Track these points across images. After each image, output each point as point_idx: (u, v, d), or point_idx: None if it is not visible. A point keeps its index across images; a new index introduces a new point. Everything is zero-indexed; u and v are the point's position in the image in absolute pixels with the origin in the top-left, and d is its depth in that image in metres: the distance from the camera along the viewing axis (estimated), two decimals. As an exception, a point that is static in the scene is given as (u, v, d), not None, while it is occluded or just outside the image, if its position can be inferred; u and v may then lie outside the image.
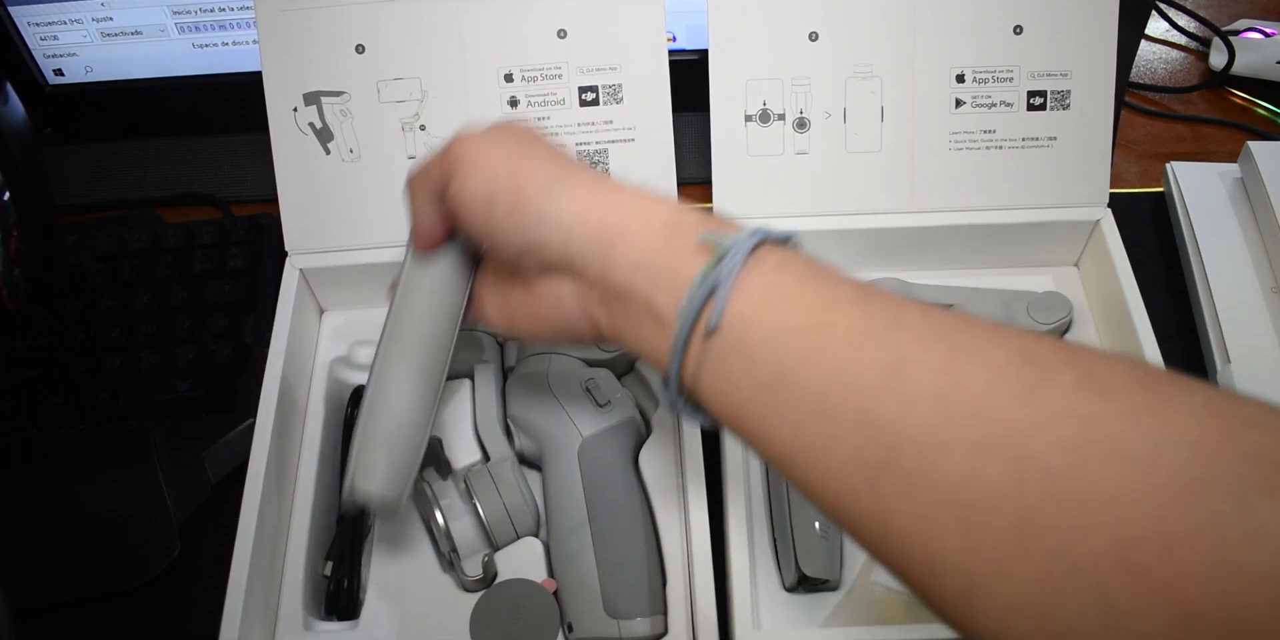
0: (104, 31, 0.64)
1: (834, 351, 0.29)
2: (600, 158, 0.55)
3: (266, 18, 0.53)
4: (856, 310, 0.30)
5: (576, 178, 0.36)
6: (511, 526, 0.47)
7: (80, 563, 0.49)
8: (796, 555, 0.44)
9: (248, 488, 0.46)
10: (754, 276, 0.31)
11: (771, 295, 0.31)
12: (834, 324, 0.30)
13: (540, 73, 0.54)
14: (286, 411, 0.50)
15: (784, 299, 0.31)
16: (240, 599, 0.43)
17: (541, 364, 0.51)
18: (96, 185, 0.68)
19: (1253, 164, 0.58)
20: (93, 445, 0.53)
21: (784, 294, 0.31)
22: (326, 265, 0.55)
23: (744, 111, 0.55)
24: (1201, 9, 0.79)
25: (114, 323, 0.57)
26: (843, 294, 0.31)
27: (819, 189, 0.55)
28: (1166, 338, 0.50)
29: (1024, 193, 0.55)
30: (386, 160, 0.54)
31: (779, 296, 0.31)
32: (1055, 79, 0.54)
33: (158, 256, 0.59)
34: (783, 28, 0.54)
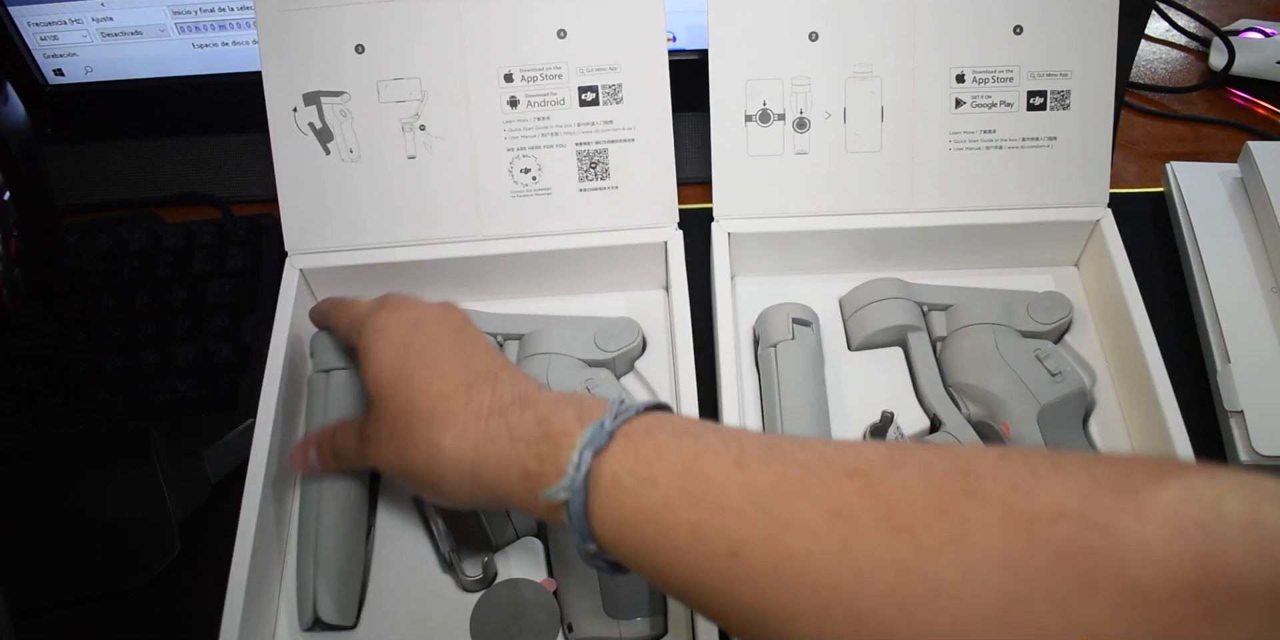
0: (104, 31, 0.64)
1: (674, 547, 0.32)
2: (600, 158, 0.55)
3: (266, 18, 0.53)
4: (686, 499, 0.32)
5: (454, 421, 0.38)
6: (511, 526, 0.47)
7: (80, 563, 0.49)
8: None
9: (248, 488, 0.46)
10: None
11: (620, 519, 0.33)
12: (670, 526, 0.32)
13: (540, 73, 0.54)
14: (286, 411, 0.50)
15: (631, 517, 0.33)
16: (240, 599, 0.43)
17: (542, 364, 0.51)
18: (96, 185, 0.68)
19: (1253, 164, 0.58)
20: (93, 445, 0.53)
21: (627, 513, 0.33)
22: (326, 265, 0.55)
23: (744, 111, 0.55)
24: (1201, 9, 0.79)
25: (114, 323, 0.57)
26: (661, 493, 0.33)
27: (819, 189, 0.55)
28: (1166, 338, 0.50)
29: (1024, 193, 0.55)
30: (386, 160, 0.54)
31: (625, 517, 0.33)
32: (1055, 79, 0.54)
33: (158, 256, 0.59)
34: (783, 28, 0.54)
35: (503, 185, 0.55)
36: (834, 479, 0.30)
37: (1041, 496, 0.27)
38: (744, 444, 0.33)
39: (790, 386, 0.50)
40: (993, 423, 0.49)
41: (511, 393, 0.38)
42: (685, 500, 0.32)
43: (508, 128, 0.54)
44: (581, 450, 0.34)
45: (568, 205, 0.55)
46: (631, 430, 0.34)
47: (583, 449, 0.34)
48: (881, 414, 0.50)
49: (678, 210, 0.56)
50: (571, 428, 0.35)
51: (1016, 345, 0.51)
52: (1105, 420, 0.51)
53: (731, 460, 0.32)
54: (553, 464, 0.35)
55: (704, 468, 0.32)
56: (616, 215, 0.55)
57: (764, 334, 0.53)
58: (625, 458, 0.33)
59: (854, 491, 0.29)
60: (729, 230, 0.55)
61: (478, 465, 0.37)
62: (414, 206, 0.55)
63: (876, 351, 0.54)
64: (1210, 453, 0.51)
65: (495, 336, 0.54)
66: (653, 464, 0.33)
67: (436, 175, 0.55)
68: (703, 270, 0.57)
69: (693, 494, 0.32)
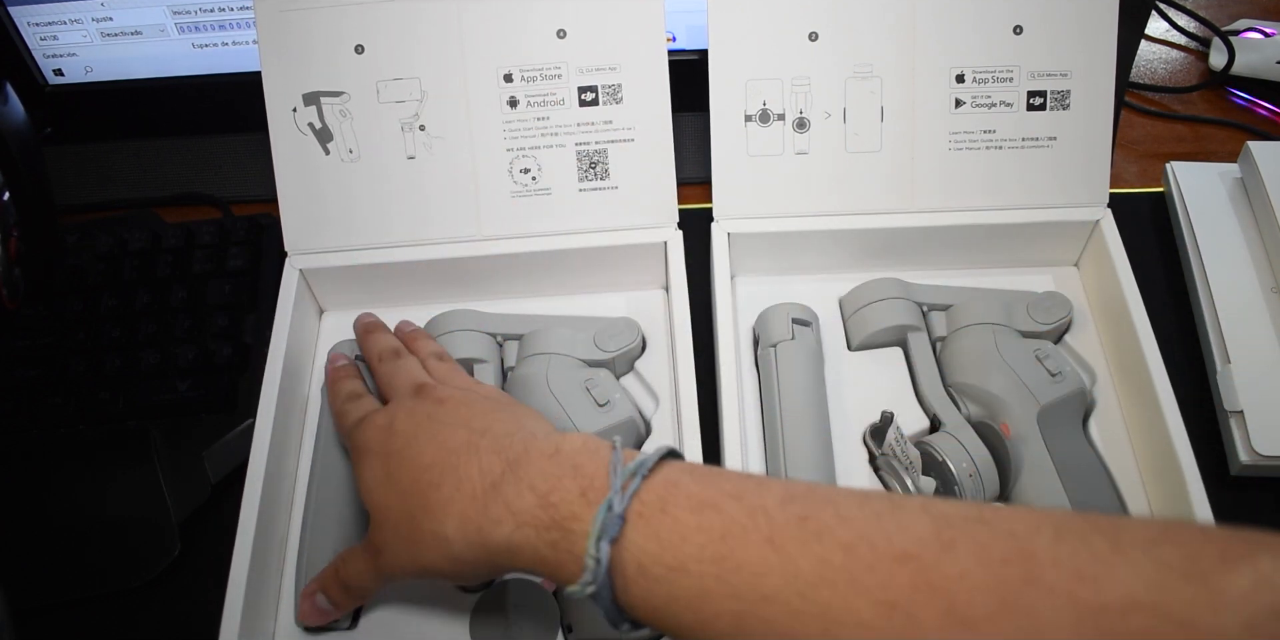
0: (104, 31, 0.64)
1: (718, 635, 0.30)
2: (600, 158, 0.55)
3: (266, 18, 0.53)
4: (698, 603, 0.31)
5: (451, 507, 0.37)
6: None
7: (80, 563, 0.49)
8: None
9: (248, 488, 0.46)
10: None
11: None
12: (710, 616, 0.30)
13: (540, 73, 0.54)
14: (286, 411, 0.50)
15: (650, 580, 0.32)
16: (240, 599, 0.43)
17: (541, 364, 0.51)
18: (96, 185, 0.68)
19: (1253, 164, 0.58)
20: (93, 445, 0.53)
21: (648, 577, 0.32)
22: (326, 265, 0.55)
23: (744, 111, 0.55)
24: (1201, 9, 0.79)
25: (114, 323, 0.57)
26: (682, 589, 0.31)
27: (819, 189, 0.55)
28: (1166, 338, 0.50)
29: (1024, 193, 0.55)
30: (386, 161, 0.54)
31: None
32: (1055, 79, 0.54)
33: (158, 256, 0.59)
34: (783, 28, 0.54)
35: (502, 185, 0.55)
36: (882, 565, 0.28)
37: (1108, 586, 0.25)
38: (771, 516, 0.31)
39: (790, 387, 0.50)
40: (992, 423, 0.49)
41: (498, 462, 0.37)
42: (722, 589, 0.30)
43: (507, 128, 0.54)
44: (597, 540, 0.32)
45: (567, 205, 0.55)
46: (645, 509, 0.32)
47: (598, 539, 0.32)
48: (881, 414, 0.50)
49: (678, 210, 0.56)
50: (579, 511, 0.33)
51: (1016, 345, 0.51)
52: (1105, 420, 0.51)
53: (763, 539, 0.30)
54: (569, 553, 0.33)
55: (736, 551, 0.30)
56: (616, 215, 0.55)
57: (764, 334, 0.53)
58: (647, 544, 0.31)
59: (906, 580, 0.27)
60: (729, 230, 0.55)
61: (489, 550, 0.35)
62: (414, 207, 0.55)
63: (876, 351, 0.54)
64: (1210, 453, 0.51)
65: (495, 336, 0.54)
66: (678, 548, 0.31)
67: (436, 175, 0.55)
68: (703, 270, 0.57)
69: (729, 582, 0.30)
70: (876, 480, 0.49)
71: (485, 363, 0.53)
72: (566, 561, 0.33)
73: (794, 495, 0.32)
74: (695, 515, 0.31)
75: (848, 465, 0.50)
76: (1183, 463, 0.45)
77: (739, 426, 0.48)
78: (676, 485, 0.33)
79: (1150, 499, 0.48)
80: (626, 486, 0.33)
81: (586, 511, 0.33)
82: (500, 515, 0.35)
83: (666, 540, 0.31)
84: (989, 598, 0.26)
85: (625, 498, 0.32)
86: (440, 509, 0.37)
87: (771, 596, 0.29)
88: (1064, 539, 0.27)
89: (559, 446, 0.36)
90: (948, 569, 0.27)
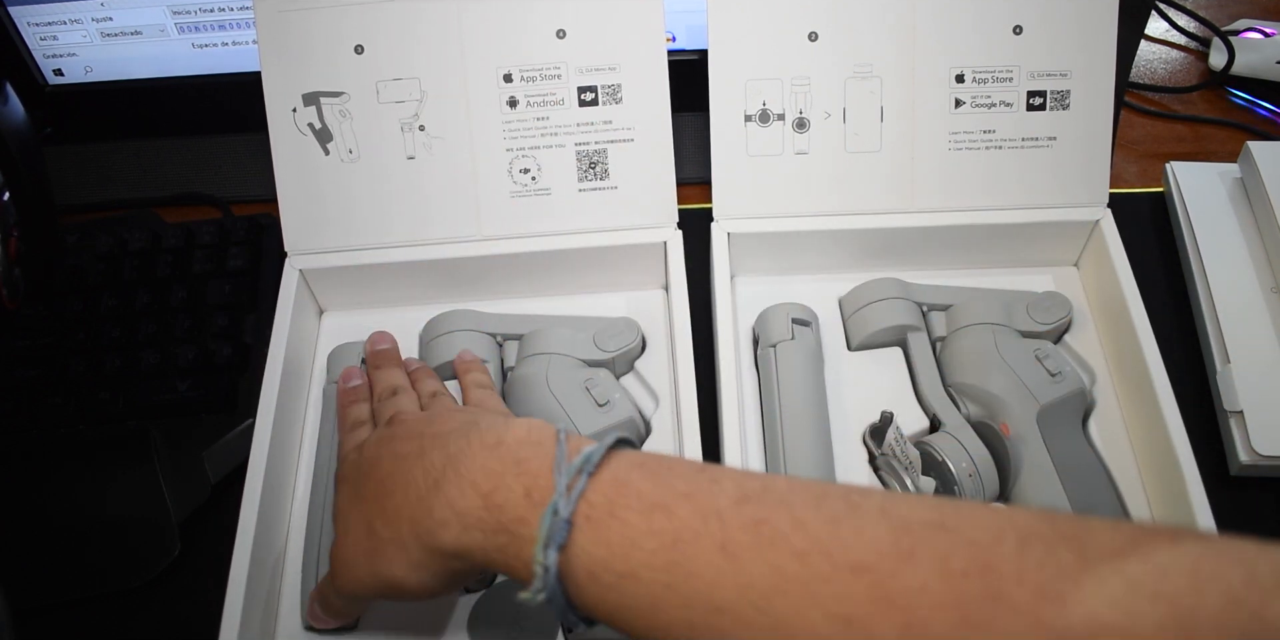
0: (104, 31, 0.64)
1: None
2: (600, 158, 0.55)
3: (266, 18, 0.53)
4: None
5: (404, 511, 0.36)
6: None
7: (80, 563, 0.49)
8: None
9: (248, 488, 0.46)
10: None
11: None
12: (662, 624, 0.30)
13: (540, 73, 0.54)
14: (286, 411, 0.50)
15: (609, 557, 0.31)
16: (240, 599, 0.43)
17: (541, 364, 0.51)
18: (96, 185, 0.68)
19: (1253, 164, 0.58)
20: (93, 445, 0.53)
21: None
22: (326, 265, 0.55)
23: (744, 111, 0.55)
24: (1201, 9, 0.79)
25: (114, 323, 0.57)
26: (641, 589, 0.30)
27: (819, 189, 0.55)
28: (1166, 338, 0.50)
29: (1024, 193, 0.55)
30: (386, 161, 0.54)
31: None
32: (1055, 79, 0.54)
33: (158, 256, 0.59)
34: (783, 28, 0.54)
35: (502, 185, 0.55)
36: (838, 576, 0.27)
37: (1074, 606, 0.24)
38: (724, 519, 0.30)
39: (790, 387, 0.50)
40: (992, 423, 0.49)
41: (439, 458, 0.36)
42: (674, 598, 0.29)
43: (507, 128, 0.54)
44: (544, 547, 0.31)
45: (567, 205, 0.55)
46: (593, 511, 0.31)
47: (545, 546, 0.31)
48: (881, 414, 0.50)
49: (677, 210, 0.56)
50: (524, 514, 0.32)
51: (1016, 345, 0.51)
52: (1105, 420, 0.51)
53: (716, 546, 0.29)
54: (517, 559, 0.32)
55: (687, 558, 0.29)
56: (616, 215, 0.55)
57: (764, 334, 0.53)
58: (596, 551, 0.30)
59: (863, 593, 0.26)
60: (729, 230, 0.55)
61: (442, 554, 0.35)
62: (413, 207, 0.55)
63: (876, 351, 0.54)
64: (1210, 453, 0.51)
65: (495, 336, 0.54)
66: (629, 555, 0.30)
67: (436, 175, 0.55)
68: (703, 270, 0.57)
69: (681, 591, 0.29)
70: (876, 480, 0.49)
71: (485, 363, 0.53)
72: (516, 567, 0.33)
73: (748, 495, 0.30)
74: (645, 519, 0.30)
75: (848, 465, 0.50)
76: (1183, 463, 0.45)
77: (739, 426, 0.48)
78: (626, 484, 0.32)
79: (1150, 499, 0.48)
80: (572, 487, 0.32)
81: (532, 514, 0.32)
82: (445, 517, 0.34)
83: (616, 546, 0.30)
84: (949, 614, 0.25)
85: (571, 501, 0.31)
86: (394, 515, 0.36)
87: (724, 607, 0.28)
88: (1028, 548, 0.26)
89: (500, 437, 0.35)
90: (906, 581, 0.26)
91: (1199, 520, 0.43)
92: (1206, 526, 0.43)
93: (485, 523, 0.33)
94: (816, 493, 0.30)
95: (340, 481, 0.42)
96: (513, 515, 0.33)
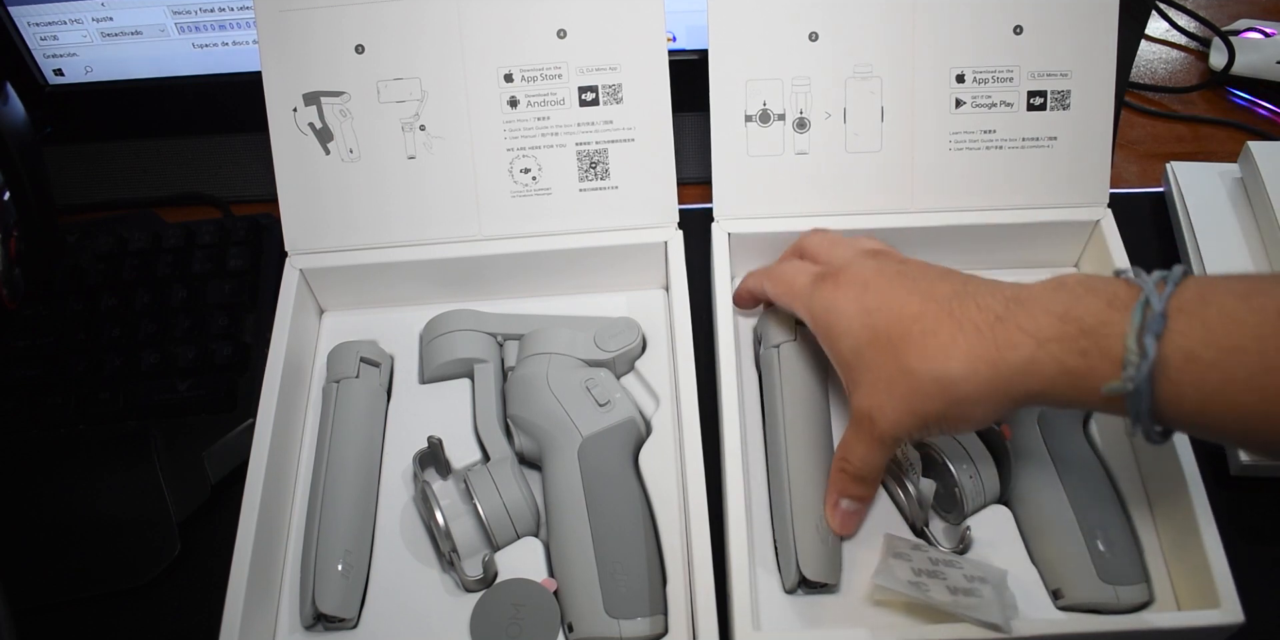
0: (104, 31, 0.64)
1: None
2: (600, 158, 0.55)
3: (266, 18, 0.53)
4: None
5: (955, 349, 0.37)
6: (512, 526, 0.47)
7: (80, 563, 0.49)
8: (797, 557, 0.44)
9: (248, 488, 0.46)
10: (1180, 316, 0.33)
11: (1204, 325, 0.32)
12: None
13: (540, 73, 0.54)
14: (286, 411, 0.50)
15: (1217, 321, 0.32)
16: (240, 599, 0.43)
17: (541, 364, 0.51)
18: (96, 185, 0.68)
19: (1253, 164, 0.58)
20: (93, 445, 0.53)
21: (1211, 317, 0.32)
22: (326, 265, 0.55)
23: (744, 111, 0.55)
24: (1201, 9, 0.79)
25: (114, 323, 0.57)
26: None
27: (819, 189, 0.55)
28: (1166, 338, 0.50)
29: (1024, 193, 0.55)
30: (386, 160, 0.54)
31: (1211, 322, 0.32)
32: (1055, 79, 0.54)
33: (158, 256, 0.59)
34: (783, 28, 0.54)
35: (503, 185, 0.55)
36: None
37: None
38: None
39: (793, 388, 0.50)
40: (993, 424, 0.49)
41: (997, 299, 0.37)
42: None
43: (508, 128, 0.54)
44: (1137, 337, 0.32)
45: (567, 205, 0.55)
46: (1184, 304, 0.33)
47: (1139, 335, 0.32)
48: (881, 414, 0.50)
49: (678, 210, 0.56)
50: (1108, 318, 0.34)
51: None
52: (1105, 420, 0.51)
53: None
54: (1103, 358, 0.33)
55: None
56: (616, 215, 0.55)
57: (766, 335, 0.53)
58: (1192, 332, 0.32)
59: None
60: (729, 230, 0.55)
61: (1001, 377, 0.36)
62: (414, 206, 0.55)
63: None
64: (1210, 453, 0.51)
65: (495, 336, 0.54)
66: (1231, 331, 0.31)
67: (436, 175, 0.55)
68: (703, 270, 0.57)
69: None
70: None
71: (485, 363, 0.53)
72: (1099, 366, 0.34)
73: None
74: (1243, 301, 0.32)
75: (848, 465, 0.50)
76: (1183, 463, 0.45)
77: (739, 426, 0.48)
78: (1211, 284, 0.33)
79: (1150, 499, 0.48)
80: (1161, 288, 0.33)
81: (1118, 316, 0.33)
82: (1015, 340, 0.36)
83: (1216, 326, 0.31)
84: None
85: (1163, 297, 0.33)
86: (941, 353, 0.37)
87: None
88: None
89: (1061, 281, 0.37)
90: None
91: (1199, 520, 0.43)
92: (1206, 526, 0.43)
93: (1064, 333, 0.35)
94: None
95: (834, 314, 0.42)
96: (1095, 321, 0.34)
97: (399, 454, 0.51)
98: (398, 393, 0.54)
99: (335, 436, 0.50)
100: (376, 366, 0.53)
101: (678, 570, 0.46)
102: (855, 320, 0.41)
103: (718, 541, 0.45)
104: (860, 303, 0.41)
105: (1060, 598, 0.44)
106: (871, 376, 0.40)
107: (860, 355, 0.40)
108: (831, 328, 0.42)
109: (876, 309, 0.40)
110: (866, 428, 0.41)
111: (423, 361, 0.54)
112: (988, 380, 0.36)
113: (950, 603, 0.40)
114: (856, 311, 0.41)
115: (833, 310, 0.42)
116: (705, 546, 0.44)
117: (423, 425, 0.51)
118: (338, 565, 0.45)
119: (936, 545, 0.46)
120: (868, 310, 0.41)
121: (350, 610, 0.45)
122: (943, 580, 0.42)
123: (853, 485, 0.44)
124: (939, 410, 0.38)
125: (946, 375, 0.37)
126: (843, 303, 0.42)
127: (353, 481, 0.48)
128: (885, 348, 0.39)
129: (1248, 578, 0.42)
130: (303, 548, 0.47)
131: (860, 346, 0.40)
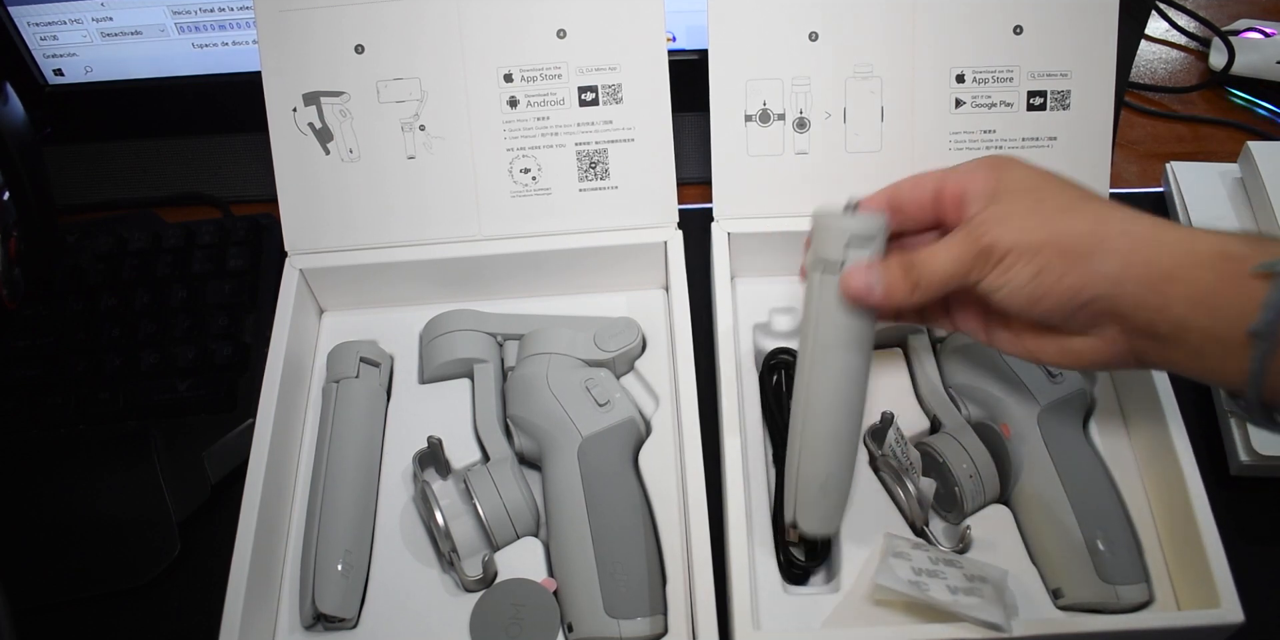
0: (104, 31, 0.64)
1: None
2: (600, 158, 0.55)
3: (266, 18, 0.53)
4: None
5: (1110, 227, 0.37)
6: (511, 526, 0.47)
7: (80, 563, 0.49)
8: (796, 510, 0.44)
9: (248, 488, 0.46)
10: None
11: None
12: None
13: (540, 73, 0.54)
14: (286, 411, 0.50)
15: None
16: (240, 599, 0.43)
17: (541, 364, 0.51)
18: (96, 185, 0.68)
19: (1253, 164, 0.58)
20: (93, 445, 0.53)
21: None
22: (326, 265, 0.55)
23: (744, 111, 0.55)
24: (1201, 9, 0.79)
25: (114, 323, 0.57)
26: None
27: (819, 189, 0.55)
28: (1166, 338, 0.50)
29: (1024, 193, 0.55)
30: (386, 160, 0.54)
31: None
32: (1055, 79, 0.54)
33: (158, 256, 0.59)
34: (783, 28, 0.54)
35: (502, 185, 0.55)
36: None
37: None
38: None
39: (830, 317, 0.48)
40: (993, 423, 0.49)
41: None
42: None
43: (507, 128, 0.54)
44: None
45: (567, 205, 0.55)
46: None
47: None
48: (881, 415, 0.50)
49: (677, 210, 0.56)
50: (1244, 250, 0.34)
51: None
52: (1105, 420, 0.51)
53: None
54: (1238, 293, 0.33)
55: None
56: (616, 215, 0.55)
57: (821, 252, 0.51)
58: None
59: None
60: (729, 230, 0.55)
61: (1149, 240, 0.36)
62: (414, 206, 0.55)
63: (877, 352, 0.54)
64: (1210, 453, 0.51)
65: (495, 336, 0.54)
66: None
67: (436, 175, 0.55)
68: (703, 270, 0.57)
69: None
70: (877, 481, 0.49)
71: (485, 363, 0.53)
72: (1240, 283, 0.34)
73: None
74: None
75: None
76: (1183, 463, 0.45)
77: (739, 426, 0.48)
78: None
79: (1150, 499, 0.48)
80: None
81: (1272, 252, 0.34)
82: (1170, 248, 0.35)
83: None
84: None
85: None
86: (1110, 213, 0.37)
87: None
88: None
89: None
90: None
91: (1199, 520, 0.43)
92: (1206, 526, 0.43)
93: (1199, 257, 0.35)
94: None
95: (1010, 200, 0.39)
96: (1229, 261, 0.34)
97: (399, 454, 0.51)
98: (398, 393, 0.54)
99: (335, 436, 0.50)
100: (376, 366, 0.53)
101: (677, 570, 0.46)
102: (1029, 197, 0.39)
103: (717, 541, 0.45)
104: (1039, 186, 0.40)
105: (1060, 597, 0.44)
106: (1028, 198, 0.39)
107: (1032, 180, 0.40)
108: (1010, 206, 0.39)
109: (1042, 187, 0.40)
110: (975, 238, 0.39)
111: (423, 361, 0.54)
112: (1137, 236, 0.36)
113: (950, 602, 0.40)
114: (1031, 197, 0.39)
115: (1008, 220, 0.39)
116: (705, 546, 0.44)
117: (423, 425, 0.51)
118: (337, 565, 0.45)
119: (936, 545, 0.46)
120: (1039, 199, 0.39)
121: (350, 610, 0.45)
122: (943, 580, 0.42)
123: (901, 282, 0.41)
124: (1077, 235, 0.37)
125: (1103, 216, 0.37)
126: (1020, 193, 0.40)
127: (352, 481, 0.48)
128: (1053, 205, 0.38)
129: (1248, 578, 0.42)
130: (302, 548, 0.47)
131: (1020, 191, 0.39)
